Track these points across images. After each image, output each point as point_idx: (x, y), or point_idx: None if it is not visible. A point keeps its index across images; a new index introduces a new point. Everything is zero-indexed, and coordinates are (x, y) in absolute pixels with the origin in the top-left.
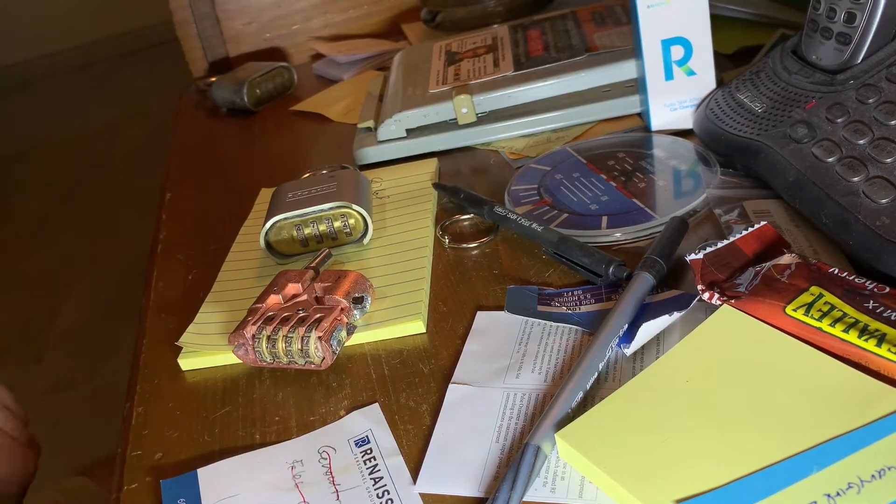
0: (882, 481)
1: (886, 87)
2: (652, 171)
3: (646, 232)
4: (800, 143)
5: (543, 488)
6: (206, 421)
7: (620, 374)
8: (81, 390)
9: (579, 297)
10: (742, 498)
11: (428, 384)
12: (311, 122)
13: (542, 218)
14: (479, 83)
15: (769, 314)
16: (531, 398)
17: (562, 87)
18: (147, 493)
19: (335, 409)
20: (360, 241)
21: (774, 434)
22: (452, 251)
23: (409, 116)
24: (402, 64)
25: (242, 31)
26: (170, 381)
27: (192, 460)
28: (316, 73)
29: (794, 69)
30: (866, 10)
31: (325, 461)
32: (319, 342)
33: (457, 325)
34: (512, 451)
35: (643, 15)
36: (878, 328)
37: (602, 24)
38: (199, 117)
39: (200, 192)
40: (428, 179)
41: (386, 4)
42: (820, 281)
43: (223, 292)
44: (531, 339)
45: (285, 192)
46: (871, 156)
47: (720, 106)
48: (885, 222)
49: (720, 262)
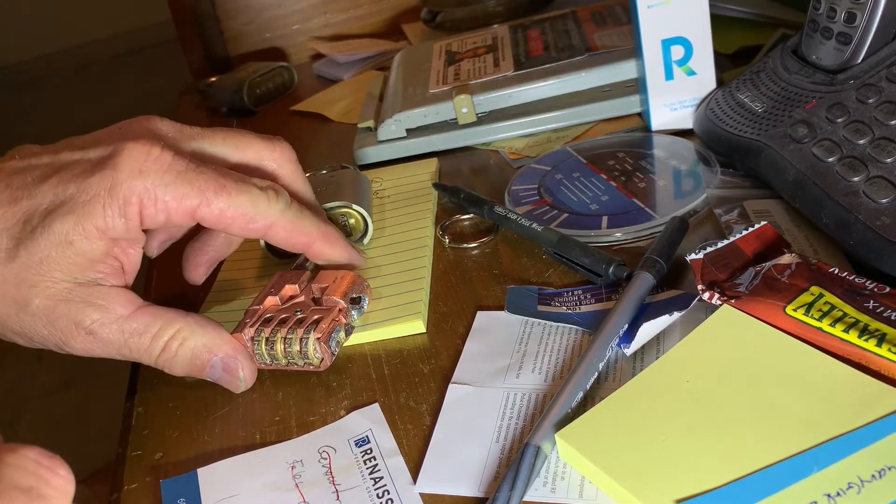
0: (882, 481)
1: (887, 87)
2: (652, 171)
3: (646, 232)
4: (800, 142)
5: (543, 488)
6: (206, 421)
7: (620, 374)
8: (81, 390)
9: (579, 297)
10: (742, 498)
11: (428, 384)
12: (311, 122)
13: (542, 218)
14: (480, 83)
15: (769, 314)
16: (531, 398)
17: (562, 87)
18: (147, 493)
19: (335, 409)
20: (361, 240)
21: (774, 434)
22: (452, 251)
23: (409, 116)
24: (402, 64)
25: (242, 31)
26: (170, 381)
27: (192, 460)
28: (316, 73)
29: (794, 69)
30: (866, 9)
31: (325, 461)
32: (318, 343)
33: (457, 325)
34: (512, 451)
35: (643, 15)
36: (879, 328)
37: (602, 24)
38: (199, 117)
39: None
40: (428, 179)
41: (386, 4)
42: (820, 281)
43: (223, 292)
44: (531, 339)
45: None
46: (872, 156)
47: (720, 106)
48: (885, 222)
49: (720, 261)
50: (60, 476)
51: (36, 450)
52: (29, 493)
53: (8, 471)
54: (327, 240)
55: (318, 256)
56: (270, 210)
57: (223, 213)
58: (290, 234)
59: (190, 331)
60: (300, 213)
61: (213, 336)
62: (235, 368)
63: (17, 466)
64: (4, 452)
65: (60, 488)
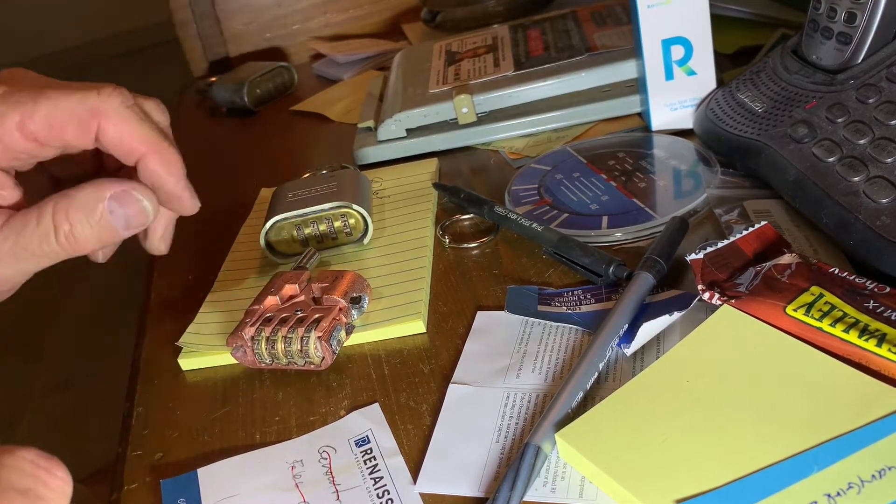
0: (882, 481)
1: (887, 87)
2: (652, 171)
3: (646, 232)
4: (800, 142)
5: (543, 488)
6: (206, 421)
7: (620, 374)
8: (81, 390)
9: (579, 297)
10: (742, 498)
11: (428, 384)
12: (311, 122)
13: (542, 218)
14: (480, 83)
15: (769, 314)
16: (531, 398)
17: (562, 86)
18: (147, 493)
19: (335, 409)
20: (361, 240)
21: (774, 434)
22: (452, 251)
23: (410, 116)
24: (402, 64)
25: (242, 31)
26: (170, 381)
27: (192, 460)
28: (316, 73)
29: (794, 69)
30: (867, 9)
31: (325, 461)
32: (319, 342)
33: (457, 325)
34: (512, 451)
35: (643, 15)
36: (879, 328)
37: (602, 24)
38: (199, 117)
39: (200, 192)
40: (428, 179)
41: (386, 4)
42: (820, 281)
43: (223, 292)
44: (531, 339)
45: (285, 192)
46: (872, 155)
47: (720, 106)
48: (885, 222)
49: (720, 261)
50: (58, 477)
51: (33, 451)
52: (26, 494)
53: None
54: (164, 158)
55: (149, 174)
56: (103, 104)
57: (50, 120)
58: (123, 134)
59: (64, 198)
60: (142, 119)
61: (89, 188)
62: (131, 198)
63: (14, 468)
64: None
65: (58, 489)
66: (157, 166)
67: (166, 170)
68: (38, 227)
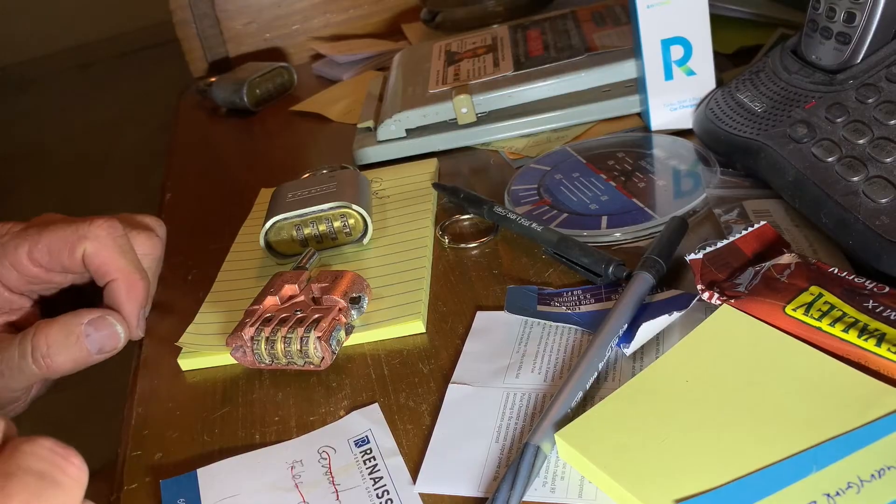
0: (882, 481)
1: (886, 87)
2: (652, 171)
3: (646, 232)
4: (799, 142)
5: (543, 488)
6: (206, 421)
7: (620, 374)
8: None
9: (579, 296)
10: (742, 498)
11: (428, 384)
12: (311, 122)
13: (542, 218)
14: (479, 83)
15: (769, 314)
16: (531, 398)
17: (562, 86)
18: (147, 493)
19: (335, 409)
20: (360, 241)
21: (774, 434)
22: (452, 251)
23: (409, 116)
24: (402, 64)
25: (242, 31)
26: (170, 381)
27: (192, 460)
28: (316, 73)
29: (793, 69)
30: (866, 9)
31: (325, 461)
32: (319, 342)
33: (457, 325)
34: (512, 451)
35: (643, 15)
36: (878, 328)
37: (602, 24)
38: (199, 117)
39: (200, 192)
40: (428, 179)
41: (386, 4)
42: (819, 280)
43: (223, 292)
44: (531, 338)
45: (285, 192)
46: (871, 155)
47: (720, 106)
48: (884, 222)
49: (720, 261)
50: (74, 465)
51: (51, 440)
52: (43, 478)
53: (24, 458)
54: (129, 287)
55: (113, 296)
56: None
57: (49, 247)
58: (101, 259)
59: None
60: (122, 250)
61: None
62: (105, 322)
63: (33, 454)
64: (21, 442)
65: (74, 476)
66: (121, 292)
67: (128, 297)
68: (19, 347)
